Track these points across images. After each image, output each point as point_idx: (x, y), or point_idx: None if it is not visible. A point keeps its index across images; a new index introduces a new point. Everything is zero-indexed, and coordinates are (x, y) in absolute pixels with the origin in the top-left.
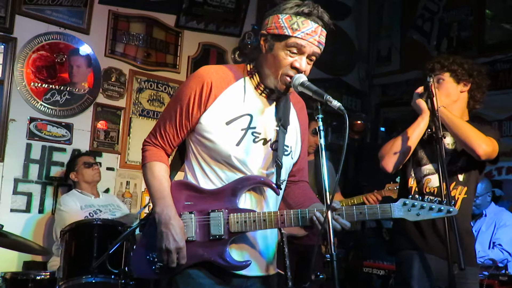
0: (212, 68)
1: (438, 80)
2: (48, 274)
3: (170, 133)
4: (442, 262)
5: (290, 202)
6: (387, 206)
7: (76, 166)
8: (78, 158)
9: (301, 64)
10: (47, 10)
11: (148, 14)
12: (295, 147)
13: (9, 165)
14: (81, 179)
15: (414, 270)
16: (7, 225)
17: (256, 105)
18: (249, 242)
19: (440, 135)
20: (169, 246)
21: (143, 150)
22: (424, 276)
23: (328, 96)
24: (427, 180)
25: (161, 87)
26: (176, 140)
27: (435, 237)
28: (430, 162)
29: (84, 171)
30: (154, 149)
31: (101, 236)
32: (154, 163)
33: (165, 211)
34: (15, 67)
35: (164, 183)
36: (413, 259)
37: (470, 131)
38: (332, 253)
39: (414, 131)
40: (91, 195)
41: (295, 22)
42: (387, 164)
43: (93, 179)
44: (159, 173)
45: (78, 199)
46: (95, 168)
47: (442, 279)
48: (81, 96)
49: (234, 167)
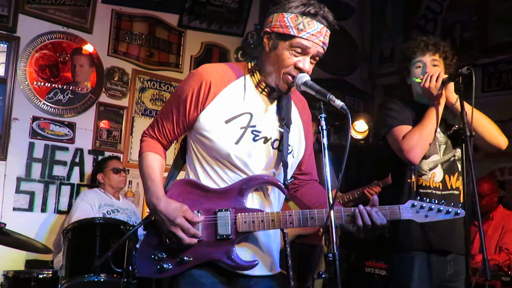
0: (212, 67)
1: (433, 63)
2: (51, 272)
3: (167, 127)
4: (442, 259)
5: (307, 203)
6: (396, 208)
7: (105, 169)
8: (108, 161)
9: (304, 64)
10: (50, 9)
11: (151, 14)
12: (298, 146)
13: (11, 164)
14: (107, 182)
15: (414, 273)
16: (10, 224)
17: (256, 103)
18: (253, 241)
19: (468, 133)
20: (168, 228)
21: (141, 141)
22: (424, 278)
23: (331, 95)
24: (432, 174)
25: (164, 86)
26: (173, 135)
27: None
28: (430, 154)
29: (111, 176)
30: (150, 141)
31: (104, 235)
32: (148, 153)
33: (152, 200)
34: (18, 66)
35: (155, 172)
36: (414, 260)
37: (491, 125)
38: (335, 252)
39: (435, 119)
40: (112, 196)
41: (301, 22)
42: (416, 156)
43: (118, 186)
44: (153, 163)
45: (98, 197)
46: (123, 175)
47: (440, 278)
48: (83, 95)
49: (235, 166)
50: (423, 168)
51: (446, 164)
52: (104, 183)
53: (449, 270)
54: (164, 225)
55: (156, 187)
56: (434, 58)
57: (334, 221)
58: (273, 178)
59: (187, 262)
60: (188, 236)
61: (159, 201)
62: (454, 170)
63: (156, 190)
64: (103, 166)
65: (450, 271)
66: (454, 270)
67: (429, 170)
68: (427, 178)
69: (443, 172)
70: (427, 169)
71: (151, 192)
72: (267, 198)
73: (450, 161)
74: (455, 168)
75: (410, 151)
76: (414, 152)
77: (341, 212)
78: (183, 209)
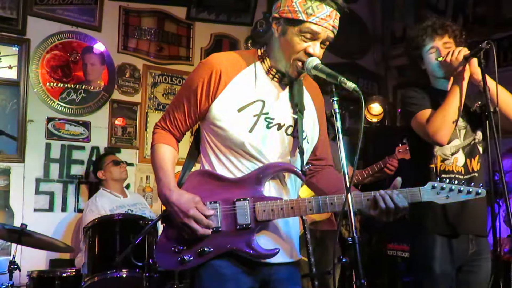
0: (222, 55)
1: (445, 46)
2: (74, 271)
3: (178, 119)
4: (463, 238)
5: (324, 189)
6: (416, 190)
7: (103, 165)
8: (105, 157)
9: (315, 50)
10: (58, 9)
11: (158, 8)
12: (312, 131)
13: (30, 166)
14: (109, 177)
15: (436, 252)
16: (32, 225)
17: (268, 90)
18: (273, 229)
19: (492, 109)
20: (182, 220)
21: (153, 133)
22: (446, 258)
23: (342, 78)
24: (455, 159)
25: (176, 80)
26: (185, 126)
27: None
28: (451, 139)
29: (112, 169)
30: (162, 132)
31: (123, 231)
32: (160, 145)
33: (164, 191)
34: (30, 68)
35: (167, 163)
36: (435, 241)
37: None
38: (354, 236)
39: (460, 97)
40: (120, 195)
41: (310, 7)
42: (444, 137)
43: (121, 177)
44: (164, 154)
45: (108, 200)
46: (123, 166)
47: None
48: (96, 94)
49: (250, 155)
50: (445, 153)
51: (467, 149)
52: (106, 179)
53: (471, 248)
54: (177, 216)
55: (168, 178)
56: (445, 41)
57: (352, 205)
58: (290, 165)
59: (207, 253)
60: (202, 227)
61: (172, 193)
62: (475, 153)
63: (168, 181)
64: (100, 162)
65: (472, 250)
66: (476, 249)
67: (451, 155)
68: (449, 163)
69: (464, 157)
70: (449, 154)
71: (163, 183)
72: (284, 185)
73: (471, 145)
74: (475, 151)
75: (437, 133)
76: (441, 133)
77: (360, 197)
78: (195, 200)
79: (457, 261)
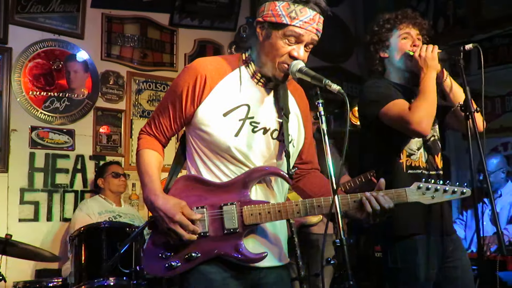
0: (207, 60)
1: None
2: (61, 280)
3: (164, 124)
4: (442, 238)
5: (310, 193)
6: (402, 191)
7: (105, 174)
8: (108, 166)
9: (299, 53)
10: (40, 17)
11: (141, 15)
12: (298, 135)
13: (14, 176)
14: (106, 186)
15: (419, 259)
16: (17, 235)
17: (253, 94)
18: (261, 233)
19: (473, 109)
20: (167, 225)
21: (138, 138)
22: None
23: (327, 80)
24: (420, 154)
25: (160, 86)
26: (170, 131)
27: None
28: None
29: (110, 180)
30: (148, 138)
31: (110, 239)
32: (145, 151)
33: (150, 196)
34: (12, 77)
35: (152, 169)
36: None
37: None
38: (342, 238)
39: (435, 87)
40: (112, 202)
41: (293, 10)
42: (428, 127)
43: (118, 190)
44: (149, 160)
45: (99, 204)
46: (122, 179)
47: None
48: (80, 102)
49: (236, 159)
50: (412, 148)
51: (428, 144)
52: (104, 187)
53: (449, 247)
54: (163, 222)
55: (153, 183)
56: (418, 36)
57: (339, 207)
58: (276, 168)
59: (195, 258)
60: (188, 233)
61: (157, 198)
62: (437, 150)
63: (153, 186)
64: (103, 170)
65: (450, 248)
66: (453, 247)
67: (417, 149)
68: (415, 158)
69: (426, 153)
70: (415, 149)
71: (149, 189)
72: (271, 189)
73: (431, 141)
74: (437, 148)
75: (421, 122)
76: (426, 122)
77: (347, 198)
78: (182, 205)
79: (437, 261)
